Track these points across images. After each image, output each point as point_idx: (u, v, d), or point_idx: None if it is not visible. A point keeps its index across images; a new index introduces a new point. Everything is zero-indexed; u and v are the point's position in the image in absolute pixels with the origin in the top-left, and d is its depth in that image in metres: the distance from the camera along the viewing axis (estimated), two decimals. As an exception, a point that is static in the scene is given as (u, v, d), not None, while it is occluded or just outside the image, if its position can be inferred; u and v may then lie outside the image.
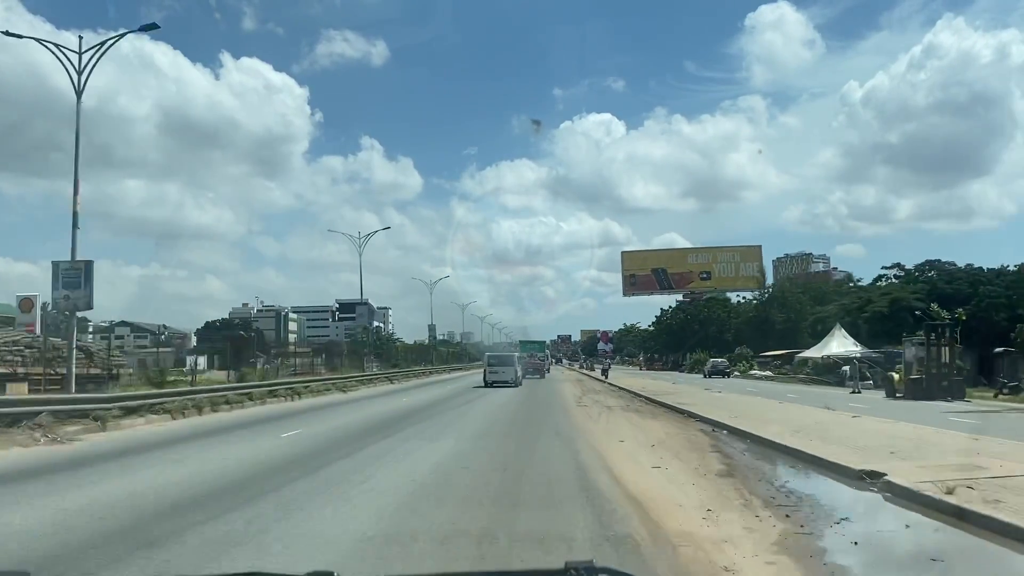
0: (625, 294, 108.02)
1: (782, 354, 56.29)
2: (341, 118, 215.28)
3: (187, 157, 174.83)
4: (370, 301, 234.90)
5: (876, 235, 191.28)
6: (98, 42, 24.04)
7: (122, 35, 24.82)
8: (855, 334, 46.25)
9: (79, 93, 23.27)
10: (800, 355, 50.49)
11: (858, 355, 40.47)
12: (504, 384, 43.75)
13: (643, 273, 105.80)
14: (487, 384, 43.98)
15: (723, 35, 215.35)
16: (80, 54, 23.46)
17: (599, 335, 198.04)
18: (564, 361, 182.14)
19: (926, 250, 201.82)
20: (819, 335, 51.39)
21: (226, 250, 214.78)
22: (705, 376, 57.43)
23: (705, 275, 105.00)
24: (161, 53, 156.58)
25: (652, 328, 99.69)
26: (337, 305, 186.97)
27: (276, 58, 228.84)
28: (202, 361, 69.18)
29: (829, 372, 42.43)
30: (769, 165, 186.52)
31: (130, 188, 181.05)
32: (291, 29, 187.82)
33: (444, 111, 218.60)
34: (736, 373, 58.70)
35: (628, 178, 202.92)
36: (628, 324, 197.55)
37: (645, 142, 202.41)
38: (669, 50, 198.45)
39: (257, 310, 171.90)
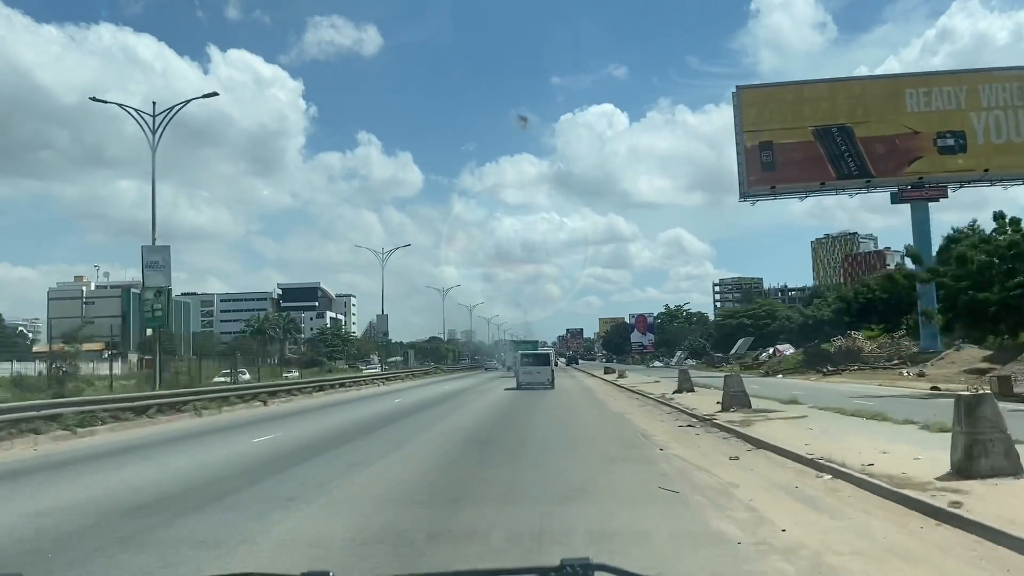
0: (744, 194, 45.09)
1: None
2: (337, 112, 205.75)
3: (180, 155, 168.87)
4: (324, 286, 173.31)
5: (887, 227, 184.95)
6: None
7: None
8: None
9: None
10: None
11: None
12: (539, 386, 34.57)
13: (793, 140, 43.20)
14: (520, 386, 35.46)
15: (726, 29, 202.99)
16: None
17: (633, 322, 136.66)
18: (580, 361, 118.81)
19: (936, 242, 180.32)
20: None
21: (225, 251, 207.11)
22: None
23: (950, 140, 42.34)
24: (144, 46, 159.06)
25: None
26: (280, 292, 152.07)
27: (266, 50, 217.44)
28: None
29: None
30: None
31: (123, 188, 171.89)
32: (279, 18, 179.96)
33: (442, 104, 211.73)
34: None
35: (632, 171, 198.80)
36: (673, 306, 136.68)
37: (649, 134, 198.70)
38: (671, 46, 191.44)
39: (96, 286, 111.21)
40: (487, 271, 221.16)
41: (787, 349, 51.98)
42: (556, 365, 48.98)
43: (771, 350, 55.73)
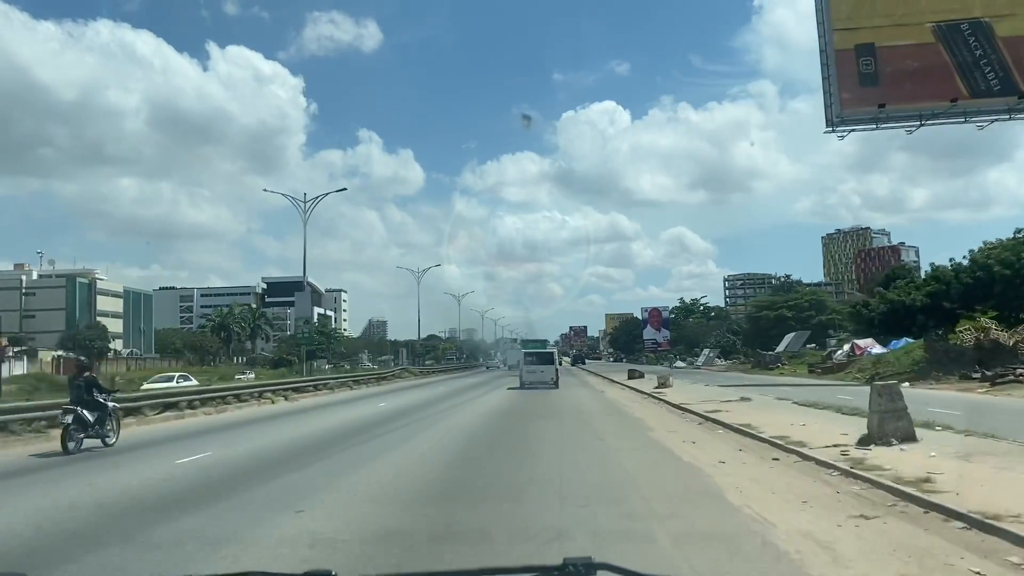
0: (835, 120, 31.75)
1: None
2: (338, 109, 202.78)
3: (180, 153, 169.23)
4: (312, 281, 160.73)
5: (891, 225, 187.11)
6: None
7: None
8: None
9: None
10: None
11: None
12: (542, 385, 34.46)
13: (905, 42, 29.77)
14: (523, 386, 35.02)
15: (729, 26, 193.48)
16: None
17: (645, 316, 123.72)
18: (585, 361, 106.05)
19: (941, 241, 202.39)
20: None
21: (226, 249, 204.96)
22: None
23: None
24: (143, 42, 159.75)
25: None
26: (264, 286, 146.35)
27: (265, 46, 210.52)
28: None
29: None
30: (781, 153, 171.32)
31: (123, 186, 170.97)
32: (278, 15, 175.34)
33: (443, 101, 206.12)
34: None
35: (634, 169, 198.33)
36: (689, 300, 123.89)
37: (651, 132, 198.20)
38: (673, 44, 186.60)
39: (39, 275, 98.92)
40: (489, 269, 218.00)
41: (872, 346, 39.03)
42: (560, 365, 44.70)
43: (846, 346, 42.77)
